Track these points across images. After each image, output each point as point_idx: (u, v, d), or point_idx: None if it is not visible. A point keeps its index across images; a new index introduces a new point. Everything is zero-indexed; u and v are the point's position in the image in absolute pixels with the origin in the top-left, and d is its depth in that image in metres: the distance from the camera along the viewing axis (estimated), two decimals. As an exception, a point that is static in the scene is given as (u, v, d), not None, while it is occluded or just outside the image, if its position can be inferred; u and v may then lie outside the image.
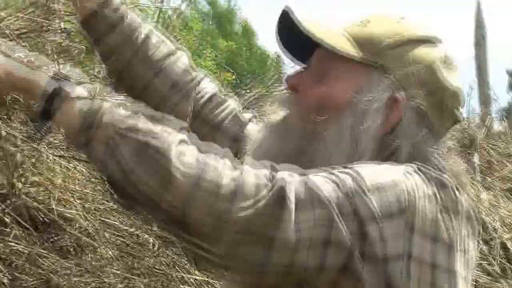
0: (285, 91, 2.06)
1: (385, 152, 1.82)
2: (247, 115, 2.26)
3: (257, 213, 1.56)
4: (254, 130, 2.19)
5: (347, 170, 1.69)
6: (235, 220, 1.55)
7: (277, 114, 2.00)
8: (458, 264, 1.79)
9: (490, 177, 4.36)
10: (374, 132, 1.85)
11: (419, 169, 1.77)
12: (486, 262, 3.65)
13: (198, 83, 2.28)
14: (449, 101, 1.87)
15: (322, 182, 1.64)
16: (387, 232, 1.68)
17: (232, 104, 2.29)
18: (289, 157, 1.85)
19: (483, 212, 3.86)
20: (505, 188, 4.27)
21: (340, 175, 1.68)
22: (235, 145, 2.12)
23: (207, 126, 2.21)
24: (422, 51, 1.89)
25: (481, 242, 3.75)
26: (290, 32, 1.89)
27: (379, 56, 1.85)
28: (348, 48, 1.85)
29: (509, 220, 3.91)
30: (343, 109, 1.85)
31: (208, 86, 2.31)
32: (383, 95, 1.84)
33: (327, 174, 1.67)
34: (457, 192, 1.80)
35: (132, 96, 2.01)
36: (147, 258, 2.83)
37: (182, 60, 2.31)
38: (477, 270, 3.56)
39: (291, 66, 2.10)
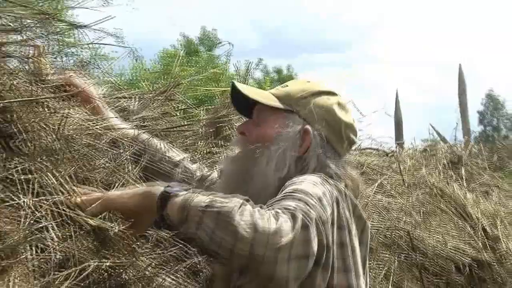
0: (236, 135, 2.68)
1: (299, 167, 2.30)
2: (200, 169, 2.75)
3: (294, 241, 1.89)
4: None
5: (299, 194, 2.07)
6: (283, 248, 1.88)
7: (232, 151, 2.57)
8: (351, 237, 2.21)
9: (472, 183, 4.87)
10: (293, 153, 2.32)
11: (325, 180, 2.22)
12: (472, 240, 4.09)
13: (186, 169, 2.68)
14: (345, 130, 2.39)
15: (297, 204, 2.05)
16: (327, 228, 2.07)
17: (198, 170, 2.72)
18: (239, 175, 2.37)
19: (469, 207, 4.32)
20: (483, 190, 4.83)
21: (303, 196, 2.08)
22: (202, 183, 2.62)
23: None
24: (322, 99, 2.40)
25: (467, 226, 4.19)
26: (237, 97, 2.44)
27: (293, 105, 2.38)
28: (273, 102, 2.39)
29: (487, 212, 4.40)
30: (271, 141, 2.33)
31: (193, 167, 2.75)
32: (297, 128, 2.34)
33: (297, 200, 2.04)
34: (341, 187, 2.27)
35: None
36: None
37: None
38: (464, 245, 4.00)
39: (242, 119, 2.83)
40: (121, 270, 2.10)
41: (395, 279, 3.60)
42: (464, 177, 4.88)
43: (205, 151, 3.12)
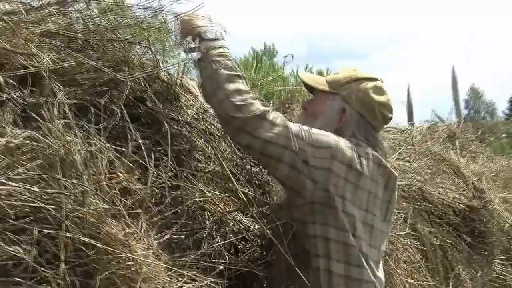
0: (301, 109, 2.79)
1: (337, 134, 2.34)
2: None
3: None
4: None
5: (305, 126, 2.27)
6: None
7: (298, 118, 2.68)
8: (362, 181, 2.27)
9: (464, 151, 5.21)
10: (333, 124, 2.43)
11: (347, 139, 2.32)
12: (465, 191, 4.43)
13: None
14: (379, 108, 2.45)
15: (292, 124, 2.27)
16: (317, 152, 2.22)
17: None
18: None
19: (462, 168, 4.65)
20: (471, 156, 5.23)
21: (301, 125, 2.29)
22: None
23: None
24: (361, 83, 2.46)
25: (461, 182, 4.53)
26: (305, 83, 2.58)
27: (338, 88, 2.47)
28: (323, 86, 2.50)
29: (475, 172, 4.79)
30: (320, 114, 2.47)
31: None
32: (337, 107, 2.45)
33: (298, 123, 2.28)
34: (369, 150, 2.33)
35: None
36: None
37: None
38: (459, 196, 4.34)
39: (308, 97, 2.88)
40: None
41: (411, 221, 3.78)
42: (458, 147, 5.15)
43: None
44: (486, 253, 4.51)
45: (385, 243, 2.46)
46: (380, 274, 2.36)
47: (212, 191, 2.36)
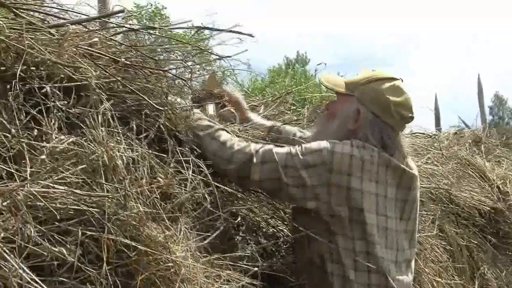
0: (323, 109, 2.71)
1: (351, 135, 2.31)
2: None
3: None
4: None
5: (297, 147, 2.26)
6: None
7: (320, 117, 2.70)
8: (366, 185, 2.19)
9: (489, 156, 5.09)
10: (348, 125, 2.36)
11: (350, 142, 2.25)
12: (490, 194, 4.38)
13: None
14: (395, 108, 2.32)
15: (281, 151, 2.25)
16: (312, 171, 2.19)
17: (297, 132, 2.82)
18: (318, 132, 2.50)
19: (487, 172, 4.59)
20: (496, 160, 5.11)
21: (291, 147, 2.26)
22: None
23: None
24: (377, 84, 2.36)
25: (487, 185, 4.48)
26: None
27: (354, 90, 2.39)
28: (340, 88, 2.43)
29: (499, 175, 4.68)
30: (337, 115, 2.42)
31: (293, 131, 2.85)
32: (352, 108, 2.36)
33: (287, 148, 2.27)
34: (375, 152, 2.24)
35: None
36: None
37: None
38: (484, 198, 4.29)
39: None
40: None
41: (439, 222, 3.72)
42: (483, 151, 5.07)
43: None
44: (510, 253, 4.47)
45: (407, 241, 2.36)
46: (402, 276, 2.29)
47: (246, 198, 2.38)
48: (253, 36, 2.56)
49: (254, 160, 2.22)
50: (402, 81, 2.41)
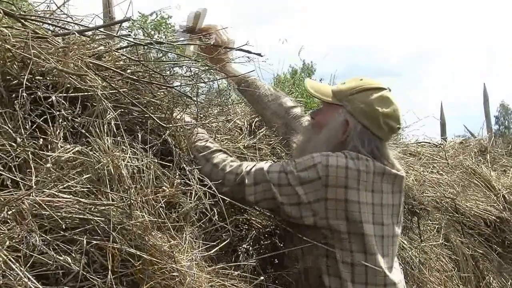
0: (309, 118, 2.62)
1: (339, 148, 2.28)
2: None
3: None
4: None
5: (290, 163, 2.24)
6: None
7: (306, 126, 2.63)
8: (363, 196, 2.18)
9: (495, 165, 5.08)
10: (337, 136, 2.33)
11: (343, 154, 2.23)
12: (495, 204, 4.37)
13: (293, 115, 2.79)
14: (384, 119, 2.30)
15: (273, 169, 2.24)
16: (308, 187, 2.17)
17: (305, 118, 2.74)
18: (303, 141, 2.48)
19: (493, 181, 4.56)
20: (502, 170, 5.09)
21: (284, 164, 2.25)
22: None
23: (292, 132, 2.71)
24: (366, 95, 2.32)
25: (492, 195, 4.45)
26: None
27: (343, 100, 2.35)
28: (327, 98, 2.39)
29: (505, 184, 4.67)
30: (325, 126, 2.38)
31: (297, 111, 2.83)
32: (340, 119, 2.33)
33: (280, 165, 2.25)
34: (369, 162, 2.23)
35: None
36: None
37: (287, 104, 2.84)
38: (490, 207, 4.27)
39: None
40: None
41: (444, 231, 3.75)
42: (489, 161, 5.04)
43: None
44: (516, 262, 4.39)
45: (396, 246, 2.36)
46: (395, 278, 2.28)
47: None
48: (262, 56, 2.54)
49: (247, 181, 2.20)
50: (390, 90, 2.39)
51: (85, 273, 1.50)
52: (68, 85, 1.78)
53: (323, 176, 2.16)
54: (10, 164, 1.60)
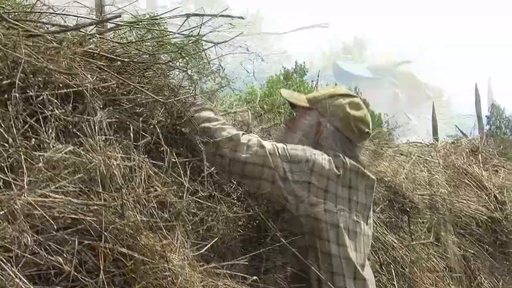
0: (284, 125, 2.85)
1: (316, 147, 2.36)
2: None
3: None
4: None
5: (281, 144, 2.29)
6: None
7: (281, 130, 2.81)
8: (340, 190, 2.29)
9: (486, 165, 5.05)
10: (310, 137, 2.42)
11: (324, 152, 2.33)
12: (487, 203, 4.37)
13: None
14: (355, 123, 2.42)
15: (267, 142, 2.29)
16: (295, 167, 2.24)
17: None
18: (280, 140, 2.47)
19: (484, 181, 4.57)
20: (493, 169, 5.07)
21: (275, 143, 2.31)
22: None
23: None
24: (338, 100, 2.45)
25: (484, 195, 4.45)
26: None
27: (316, 104, 2.47)
28: (303, 103, 2.50)
29: (496, 184, 4.68)
30: (299, 128, 2.46)
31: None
32: (314, 121, 2.44)
33: (272, 143, 2.29)
34: (346, 159, 2.33)
35: None
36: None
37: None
38: (482, 207, 4.28)
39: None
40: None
41: (435, 231, 3.77)
42: (480, 161, 5.05)
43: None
44: (507, 262, 4.45)
45: (367, 246, 2.43)
46: (366, 275, 2.33)
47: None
48: (243, 19, 2.53)
49: (241, 139, 2.23)
50: (360, 99, 2.51)
51: (76, 274, 1.50)
52: (61, 85, 1.79)
53: (311, 160, 2.24)
54: (2, 164, 1.59)
